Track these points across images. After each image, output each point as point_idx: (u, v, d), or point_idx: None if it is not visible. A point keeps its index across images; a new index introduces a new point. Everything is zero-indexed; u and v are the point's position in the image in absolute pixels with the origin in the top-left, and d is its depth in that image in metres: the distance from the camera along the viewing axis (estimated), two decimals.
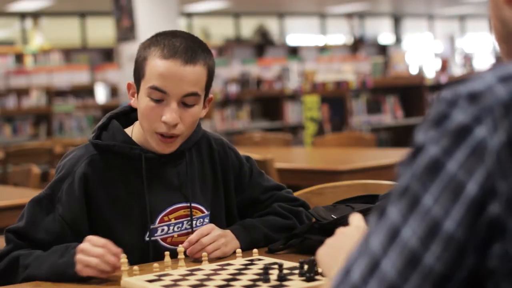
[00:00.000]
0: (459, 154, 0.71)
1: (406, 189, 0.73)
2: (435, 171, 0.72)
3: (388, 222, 0.74)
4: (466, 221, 0.70)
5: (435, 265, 0.71)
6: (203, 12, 12.41)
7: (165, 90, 1.64)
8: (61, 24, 11.61)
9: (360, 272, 0.74)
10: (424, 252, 0.71)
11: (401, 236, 0.72)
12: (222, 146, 1.85)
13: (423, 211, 0.72)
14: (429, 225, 0.71)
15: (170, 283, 1.40)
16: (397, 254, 0.72)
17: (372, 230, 0.76)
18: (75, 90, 9.71)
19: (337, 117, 5.77)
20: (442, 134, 0.72)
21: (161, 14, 7.27)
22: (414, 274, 0.71)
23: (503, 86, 0.72)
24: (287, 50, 12.59)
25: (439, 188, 0.71)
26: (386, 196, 0.78)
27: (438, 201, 0.71)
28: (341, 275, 0.78)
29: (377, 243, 0.74)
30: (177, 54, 1.64)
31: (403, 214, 0.73)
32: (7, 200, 2.88)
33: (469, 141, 0.71)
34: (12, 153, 5.77)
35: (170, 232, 1.74)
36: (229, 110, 8.34)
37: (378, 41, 14.42)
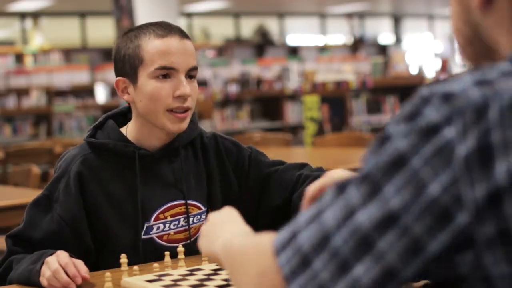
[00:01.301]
0: (425, 151, 0.72)
1: (369, 175, 0.75)
2: (400, 164, 0.73)
3: (346, 201, 0.76)
4: (427, 219, 0.71)
5: (388, 253, 0.72)
6: (203, 12, 12.41)
7: (172, 66, 1.66)
8: (61, 24, 11.61)
9: (309, 240, 0.77)
10: (378, 239, 0.73)
11: (356, 218, 0.74)
12: (214, 138, 1.85)
13: (383, 200, 0.73)
14: (386, 215, 0.72)
15: (170, 283, 1.40)
16: (350, 234, 0.74)
17: (328, 203, 0.78)
18: (75, 90, 9.71)
19: (337, 117, 5.77)
20: (412, 129, 0.73)
21: (161, 14, 7.27)
22: (366, 256, 0.73)
23: (478, 90, 0.72)
24: (287, 50, 12.59)
25: (401, 182, 0.73)
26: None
27: (398, 194, 0.72)
28: (286, 235, 0.80)
29: (331, 217, 0.76)
30: (172, 31, 1.68)
31: (363, 198, 0.74)
32: (7, 200, 2.88)
33: (436, 140, 0.72)
34: (12, 153, 5.77)
35: (166, 230, 1.74)
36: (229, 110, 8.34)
37: (378, 41, 14.42)
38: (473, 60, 0.89)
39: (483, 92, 0.71)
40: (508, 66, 0.74)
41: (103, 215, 1.69)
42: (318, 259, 0.75)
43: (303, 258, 0.77)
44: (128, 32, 1.72)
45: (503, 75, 0.73)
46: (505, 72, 0.73)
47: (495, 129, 0.69)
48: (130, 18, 7.30)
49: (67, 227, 1.66)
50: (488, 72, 0.74)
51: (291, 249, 0.78)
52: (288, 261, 0.78)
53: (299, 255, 0.77)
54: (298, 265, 0.77)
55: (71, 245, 1.65)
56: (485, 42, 0.85)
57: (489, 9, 0.83)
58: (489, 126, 0.70)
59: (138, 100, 1.70)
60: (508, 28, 0.82)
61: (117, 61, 1.72)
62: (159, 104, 1.67)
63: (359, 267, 0.73)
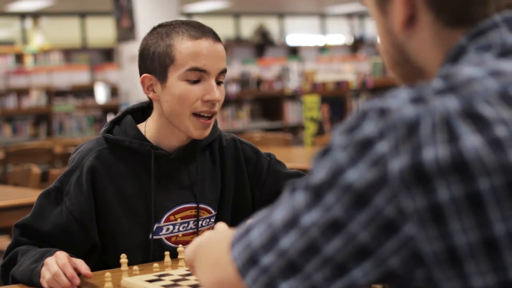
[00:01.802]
0: (360, 165, 0.74)
1: (312, 183, 0.77)
2: (337, 175, 0.75)
3: (292, 205, 0.79)
4: (372, 229, 0.73)
5: (335, 255, 0.75)
6: (203, 12, 12.40)
7: (204, 68, 1.64)
8: (61, 24, 11.61)
9: (259, 237, 0.81)
10: (324, 243, 0.75)
11: (301, 222, 0.77)
12: (234, 143, 1.82)
13: (325, 207, 0.75)
14: (331, 222, 0.75)
15: (170, 283, 1.40)
16: (297, 237, 0.77)
17: (280, 202, 0.81)
18: (75, 90, 9.71)
19: (337, 117, 5.77)
20: (350, 142, 0.75)
21: (161, 14, 7.27)
22: (314, 258, 0.76)
23: (412, 107, 0.73)
24: (287, 50, 12.58)
25: (339, 192, 0.74)
26: None
27: (339, 203, 0.74)
28: (242, 230, 0.85)
29: (279, 217, 0.79)
30: (206, 33, 1.66)
31: (306, 203, 0.77)
32: (7, 200, 2.88)
33: (370, 154, 0.73)
34: (12, 153, 5.77)
35: (175, 232, 1.73)
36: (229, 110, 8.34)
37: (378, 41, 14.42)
38: (403, 79, 0.92)
39: (416, 109, 0.73)
40: (440, 84, 0.75)
41: (113, 212, 1.68)
42: (267, 257, 0.79)
43: (252, 254, 0.81)
44: (157, 28, 1.69)
45: (436, 93, 0.74)
46: (437, 90, 0.74)
47: (426, 146, 0.70)
48: (130, 18, 7.30)
49: (75, 221, 1.64)
50: (423, 89, 0.75)
51: (243, 243, 0.82)
52: (239, 254, 0.82)
53: (249, 250, 0.81)
54: (248, 259, 0.81)
55: (77, 240, 1.65)
56: (412, 62, 0.87)
57: (411, 31, 0.84)
58: (420, 143, 0.71)
59: (164, 100, 1.67)
60: (431, 49, 0.84)
61: (144, 57, 1.68)
62: (186, 106, 1.65)
63: (308, 266, 0.76)
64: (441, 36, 0.83)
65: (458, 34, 0.82)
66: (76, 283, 1.49)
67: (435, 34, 0.83)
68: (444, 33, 0.83)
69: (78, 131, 8.98)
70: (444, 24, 0.82)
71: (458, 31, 0.82)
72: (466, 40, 0.81)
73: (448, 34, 0.82)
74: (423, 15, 0.83)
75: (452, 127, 0.71)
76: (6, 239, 3.85)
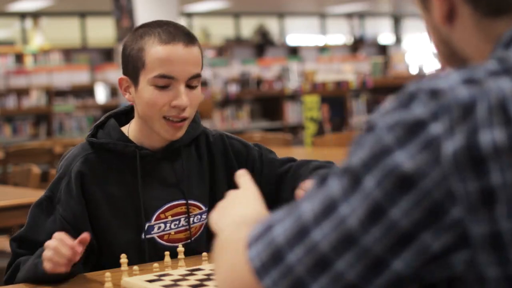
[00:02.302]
0: (410, 147, 0.71)
1: (350, 167, 0.74)
2: (382, 156, 0.72)
3: (327, 193, 0.74)
4: (418, 213, 0.70)
5: (373, 247, 0.71)
6: (203, 12, 12.40)
7: (172, 75, 1.63)
8: (61, 24, 11.61)
9: (284, 233, 0.75)
10: (362, 234, 0.71)
11: (338, 211, 0.72)
12: (221, 138, 1.83)
13: (365, 193, 0.72)
14: (371, 209, 0.71)
15: (170, 283, 1.40)
16: (332, 229, 0.72)
17: (307, 195, 0.76)
18: (75, 90, 9.71)
19: (337, 117, 5.77)
20: (397, 123, 0.72)
21: (161, 14, 7.27)
22: (349, 252, 0.71)
23: (466, 88, 0.72)
24: (287, 50, 12.58)
25: (382, 174, 0.71)
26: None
27: (379, 187, 0.71)
28: (261, 228, 0.78)
29: (309, 210, 0.74)
30: (177, 37, 1.64)
31: (344, 191, 0.73)
32: (7, 200, 2.88)
33: (423, 136, 0.71)
34: (12, 153, 5.77)
35: (167, 230, 1.73)
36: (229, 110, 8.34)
37: (378, 41, 14.41)
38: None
39: (471, 90, 0.71)
40: (495, 65, 0.74)
41: (104, 215, 1.69)
42: (293, 253, 0.73)
43: (276, 252, 0.75)
44: (137, 29, 1.70)
45: (490, 74, 0.73)
46: (492, 71, 0.73)
47: (483, 128, 0.69)
48: (130, 18, 7.30)
49: (69, 227, 1.65)
50: (476, 71, 0.74)
51: (263, 242, 0.76)
52: (258, 254, 0.76)
53: (272, 248, 0.75)
54: (270, 258, 0.75)
55: None
56: (459, 55, 0.87)
57: (453, 25, 0.85)
58: (477, 125, 0.70)
59: (137, 103, 1.69)
60: (474, 40, 0.84)
61: (123, 57, 1.71)
62: (155, 111, 1.66)
63: (340, 262, 0.72)
64: (482, 27, 0.82)
65: (500, 24, 0.81)
66: (78, 250, 1.50)
67: (476, 25, 0.83)
68: (485, 24, 0.82)
69: (78, 131, 8.98)
70: (483, 15, 0.82)
71: (499, 20, 0.81)
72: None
73: (489, 24, 0.82)
74: (461, 8, 0.83)
75: (508, 109, 0.70)
76: (6, 239, 3.85)
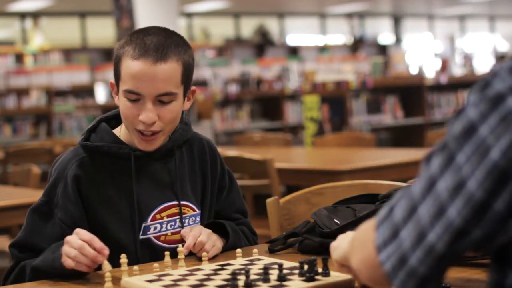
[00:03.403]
0: (491, 120, 0.78)
1: (446, 144, 0.82)
2: (470, 133, 0.79)
3: (429, 172, 0.84)
4: (488, 184, 0.77)
5: (456, 219, 0.80)
6: (203, 12, 12.40)
7: (138, 91, 1.64)
8: (61, 24, 11.61)
9: (401, 212, 0.86)
10: (449, 205, 0.80)
11: (436, 187, 0.82)
12: (213, 151, 1.86)
13: (456, 168, 0.80)
14: (457, 182, 0.80)
15: (170, 283, 1.40)
16: (431, 203, 0.82)
17: (419, 175, 0.86)
18: (75, 90, 9.71)
19: (337, 117, 5.77)
20: (482, 99, 0.79)
21: (161, 14, 7.27)
22: (438, 223, 0.81)
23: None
24: (287, 50, 12.58)
25: (471, 149, 0.79)
26: (386, 196, 0.84)
27: (468, 161, 0.79)
28: (386, 211, 0.89)
29: (418, 189, 0.85)
30: (147, 53, 1.62)
31: (440, 168, 0.82)
32: (7, 200, 2.88)
33: (502, 108, 0.77)
34: (12, 153, 5.77)
35: (163, 230, 1.74)
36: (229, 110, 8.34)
37: (378, 41, 14.41)
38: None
39: None
40: None
41: (101, 217, 1.70)
42: (404, 229, 0.84)
43: (394, 229, 0.86)
44: (127, 36, 1.70)
45: None
46: None
47: None
48: (130, 18, 7.30)
49: (69, 231, 1.64)
50: None
51: (387, 222, 0.88)
52: (382, 234, 0.88)
53: (391, 226, 0.87)
54: (389, 236, 0.87)
55: None
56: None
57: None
58: None
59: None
60: None
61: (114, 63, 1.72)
62: (128, 122, 1.69)
63: (432, 234, 0.81)
64: None
65: None
66: (106, 253, 1.51)
67: None
68: None
69: (78, 131, 8.98)
70: None
71: None
72: None
73: None
74: None
75: None
76: (6, 239, 3.84)
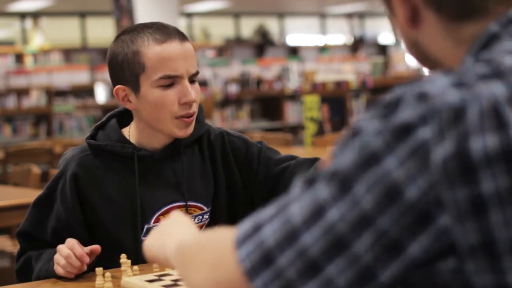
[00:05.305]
0: (399, 152, 0.69)
1: (338, 172, 0.72)
2: (371, 163, 0.70)
3: (315, 198, 0.72)
4: (406, 221, 0.68)
5: (364, 255, 0.70)
6: (203, 12, 12.40)
7: (176, 74, 1.61)
8: (61, 24, 11.61)
9: (273, 236, 0.73)
10: (353, 239, 0.70)
11: (327, 217, 0.71)
12: (221, 136, 1.80)
13: (353, 200, 0.70)
14: (360, 216, 0.69)
15: (170, 283, 1.40)
16: (322, 234, 0.71)
17: (295, 197, 0.74)
18: (75, 90, 9.71)
19: (337, 117, 5.77)
20: (385, 127, 0.70)
21: (161, 14, 7.27)
22: (339, 258, 0.70)
23: (455, 92, 0.70)
24: (287, 50, 12.58)
25: (372, 181, 0.69)
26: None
27: (369, 194, 0.69)
28: (249, 228, 0.76)
29: (298, 213, 0.73)
30: (171, 34, 1.62)
31: (332, 196, 0.71)
32: (7, 200, 2.88)
33: (411, 140, 0.69)
34: (12, 153, 5.77)
35: None
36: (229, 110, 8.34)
37: (378, 41, 14.42)
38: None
39: (461, 94, 0.69)
40: (483, 68, 0.72)
41: (101, 217, 1.69)
42: (283, 256, 0.72)
43: (266, 254, 0.73)
44: (121, 35, 1.66)
45: (480, 78, 0.71)
46: (481, 75, 0.71)
47: (474, 134, 0.67)
48: (130, 18, 7.30)
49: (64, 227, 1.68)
50: (465, 74, 0.72)
51: (253, 243, 0.74)
52: (248, 255, 0.75)
53: (262, 250, 0.74)
54: (261, 260, 0.73)
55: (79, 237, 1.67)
56: (431, 57, 0.85)
57: (419, 28, 0.83)
58: (467, 130, 0.67)
59: (142, 108, 1.66)
60: (444, 43, 0.82)
61: (113, 67, 1.66)
62: (166, 112, 1.63)
63: (331, 267, 0.70)
64: (450, 31, 0.81)
65: (468, 27, 0.80)
66: (85, 261, 1.54)
67: (443, 28, 0.81)
68: (452, 28, 0.81)
69: (78, 131, 8.98)
70: (449, 19, 0.80)
71: (467, 24, 0.80)
72: (499, 27, 0.77)
73: (457, 28, 0.80)
74: (425, 12, 0.82)
75: (500, 114, 0.67)
76: (6, 239, 3.85)
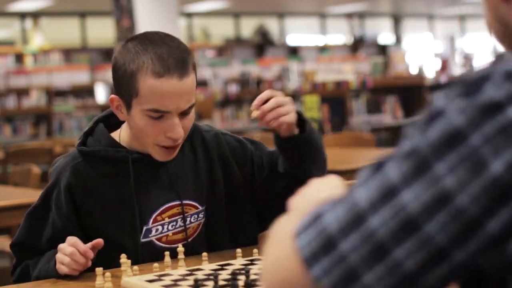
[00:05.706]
0: (486, 129, 0.68)
1: (415, 152, 0.70)
2: (455, 140, 0.68)
3: (384, 179, 0.70)
4: (484, 200, 0.67)
5: (437, 236, 0.67)
6: (203, 12, 12.40)
7: (167, 110, 1.59)
8: (61, 24, 11.61)
9: (336, 221, 0.71)
10: (425, 221, 0.68)
11: (398, 198, 0.69)
12: (216, 136, 1.81)
13: (433, 178, 0.68)
14: (437, 195, 0.68)
15: (170, 283, 1.40)
16: (391, 215, 0.69)
17: (361, 182, 0.73)
18: (75, 90, 9.71)
19: (337, 117, 5.77)
20: (470, 105, 0.69)
21: (161, 14, 7.27)
22: (410, 240, 0.68)
23: None
24: (287, 50, 12.58)
25: (457, 159, 0.68)
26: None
27: (453, 173, 0.68)
28: (309, 218, 0.74)
29: (364, 197, 0.71)
30: (171, 69, 1.57)
31: (405, 176, 0.69)
32: (7, 200, 2.88)
33: (499, 118, 0.68)
34: (12, 153, 5.77)
35: (165, 231, 1.73)
36: (229, 110, 8.34)
37: (378, 41, 14.41)
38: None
39: None
40: None
41: (100, 223, 1.69)
42: (347, 241, 0.69)
43: (328, 240, 0.70)
44: (128, 42, 1.62)
45: None
46: None
47: None
48: (130, 18, 7.30)
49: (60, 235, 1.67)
50: None
51: (314, 230, 0.72)
52: (309, 243, 0.72)
53: (323, 237, 0.71)
54: (321, 247, 0.71)
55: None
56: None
57: (511, 3, 0.82)
58: None
59: (131, 124, 1.67)
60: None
61: (114, 76, 1.64)
62: (148, 139, 1.64)
63: (400, 250, 0.68)
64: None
65: None
66: (89, 256, 1.55)
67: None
68: None
69: (78, 131, 8.98)
70: None
71: None
72: None
73: None
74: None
75: None
76: (6, 239, 3.84)
